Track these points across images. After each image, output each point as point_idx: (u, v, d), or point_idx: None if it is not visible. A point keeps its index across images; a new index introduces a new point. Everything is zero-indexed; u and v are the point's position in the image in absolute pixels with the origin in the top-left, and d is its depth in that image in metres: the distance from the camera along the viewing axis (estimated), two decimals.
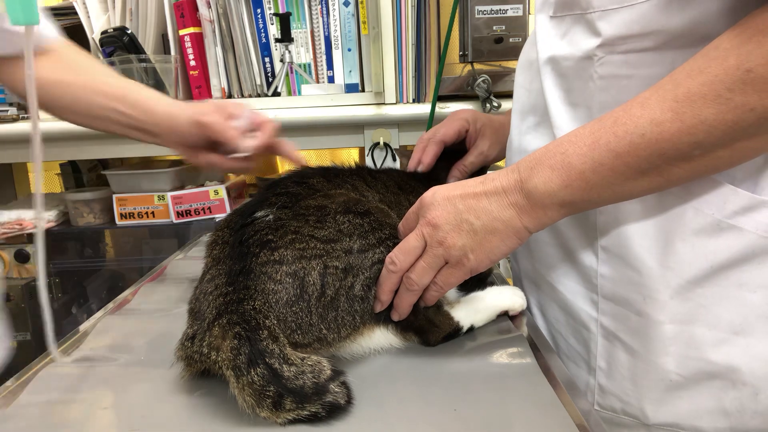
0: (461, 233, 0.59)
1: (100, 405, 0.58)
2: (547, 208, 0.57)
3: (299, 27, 1.72)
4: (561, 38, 0.66)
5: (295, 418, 0.52)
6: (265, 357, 0.53)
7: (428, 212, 0.60)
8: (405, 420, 0.54)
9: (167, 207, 1.64)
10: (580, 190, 0.55)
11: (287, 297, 0.58)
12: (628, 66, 0.59)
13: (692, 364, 0.60)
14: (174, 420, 0.55)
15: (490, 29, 1.57)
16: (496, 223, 0.58)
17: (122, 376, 0.64)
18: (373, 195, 0.76)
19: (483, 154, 0.94)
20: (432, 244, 0.60)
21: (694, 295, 0.59)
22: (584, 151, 0.54)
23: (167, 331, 0.72)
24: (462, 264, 0.60)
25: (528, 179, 0.57)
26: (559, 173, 0.55)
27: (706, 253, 0.58)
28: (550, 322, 0.78)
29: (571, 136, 0.56)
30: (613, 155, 0.52)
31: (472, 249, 0.59)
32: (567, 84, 0.66)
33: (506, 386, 0.59)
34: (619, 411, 0.66)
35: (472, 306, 0.71)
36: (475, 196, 0.59)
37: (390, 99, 1.64)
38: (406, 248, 0.62)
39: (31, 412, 0.57)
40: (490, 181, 0.60)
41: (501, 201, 0.58)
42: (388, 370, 0.63)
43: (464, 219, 0.59)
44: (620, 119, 0.53)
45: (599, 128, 0.54)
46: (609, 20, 0.58)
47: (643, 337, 0.62)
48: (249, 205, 0.68)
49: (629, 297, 0.63)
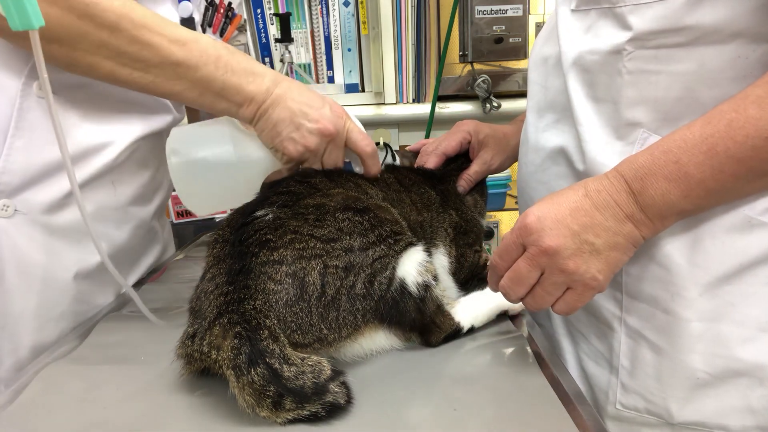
0: (583, 256, 0.56)
1: (100, 405, 0.58)
2: (666, 218, 0.56)
3: (299, 27, 1.72)
4: (585, 32, 0.65)
5: (295, 418, 0.52)
6: (266, 357, 0.53)
7: (540, 240, 0.57)
8: (405, 420, 0.54)
9: (167, 207, 1.64)
10: (699, 198, 0.54)
11: (287, 297, 0.58)
12: (657, 61, 0.58)
13: (720, 362, 0.60)
14: (174, 420, 0.55)
15: (490, 29, 1.57)
16: (617, 238, 0.56)
17: (122, 376, 0.64)
18: (376, 193, 0.76)
19: (486, 163, 0.94)
20: (552, 272, 0.57)
21: (723, 292, 0.59)
22: (701, 159, 0.52)
23: (167, 331, 0.72)
24: (589, 287, 0.57)
25: (642, 191, 0.55)
26: (676, 184, 0.53)
27: (735, 250, 0.58)
28: (569, 321, 0.77)
29: (678, 141, 0.54)
30: (735, 161, 0.51)
31: (599, 270, 0.57)
32: (591, 79, 0.65)
33: (506, 386, 0.59)
34: (643, 410, 0.66)
35: (473, 306, 0.71)
36: (587, 213, 0.56)
37: (390, 99, 1.65)
38: (518, 278, 0.59)
39: (31, 412, 0.57)
40: (595, 193, 0.57)
41: (616, 215, 0.56)
42: (388, 370, 0.63)
43: (583, 240, 0.56)
44: (736, 122, 0.51)
45: (712, 132, 0.52)
46: (641, 15, 0.58)
47: (669, 335, 0.62)
48: (250, 204, 0.68)
49: (656, 295, 0.62)
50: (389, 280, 0.63)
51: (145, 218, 0.93)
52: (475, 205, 0.92)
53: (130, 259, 0.94)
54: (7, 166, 0.69)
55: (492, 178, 1.02)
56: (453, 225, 0.84)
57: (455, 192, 0.91)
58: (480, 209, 0.93)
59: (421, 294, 0.64)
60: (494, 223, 1.79)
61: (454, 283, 0.80)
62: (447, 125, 1.57)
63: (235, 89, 0.72)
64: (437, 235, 0.81)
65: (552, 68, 0.72)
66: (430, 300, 0.65)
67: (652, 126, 0.61)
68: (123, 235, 0.87)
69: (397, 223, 0.69)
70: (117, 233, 0.86)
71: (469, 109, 1.66)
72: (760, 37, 0.53)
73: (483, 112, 1.63)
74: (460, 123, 0.96)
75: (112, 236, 0.85)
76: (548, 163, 0.75)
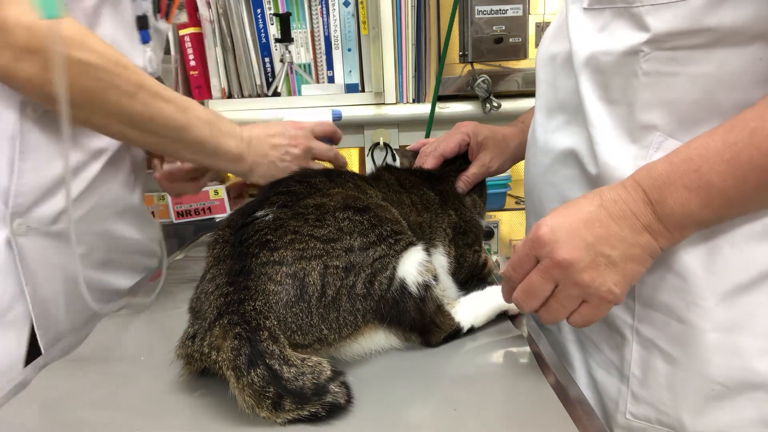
0: (599, 268, 0.54)
1: (100, 405, 0.58)
2: (685, 228, 0.54)
3: (299, 27, 1.72)
4: (599, 32, 0.63)
5: (295, 418, 0.52)
6: (266, 358, 0.53)
7: (553, 252, 0.55)
8: (405, 420, 0.54)
9: (167, 207, 1.64)
10: (720, 208, 0.52)
11: (287, 298, 0.58)
12: (675, 63, 0.57)
13: (736, 373, 0.57)
14: (174, 420, 0.55)
15: (490, 29, 1.57)
16: (634, 249, 0.54)
17: (122, 376, 0.64)
18: (376, 193, 0.76)
19: (485, 165, 0.93)
20: (566, 285, 0.55)
21: (741, 302, 0.57)
22: (723, 168, 0.50)
23: (167, 331, 0.72)
24: (605, 300, 0.56)
25: (661, 201, 0.53)
26: (697, 194, 0.52)
27: (755, 258, 0.56)
28: (579, 329, 0.75)
29: (699, 148, 0.52)
30: (759, 171, 0.49)
31: (615, 282, 0.55)
32: (604, 80, 0.63)
33: (506, 386, 0.59)
34: (654, 420, 0.63)
35: (473, 306, 0.71)
36: (602, 224, 0.54)
37: (390, 99, 1.64)
38: (532, 291, 0.57)
39: (31, 412, 0.57)
40: (611, 202, 0.55)
41: (633, 225, 0.54)
42: (388, 370, 0.63)
43: (599, 252, 0.54)
44: (760, 131, 0.49)
45: (736, 140, 0.50)
46: (659, 15, 0.56)
47: (684, 345, 0.60)
48: (250, 204, 0.68)
49: (671, 303, 0.60)
50: (390, 280, 0.63)
51: (137, 204, 0.98)
52: (473, 205, 0.92)
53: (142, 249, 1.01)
54: (19, 189, 0.73)
55: (492, 179, 1.02)
56: (452, 225, 0.84)
57: (454, 192, 0.91)
58: (479, 210, 0.93)
59: (421, 294, 0.64)
60: (494, 223, 1.79)
61: (453, 283, 0.80)
62: (447, 125, 1.57)
63: (225, 149, 0.83)
64: (436, 235, 0.81)
65: (560, 67, 0.71)
66: (430, 300, 0.65)
67: (668, 129, 0.59)
68: (132, 229, 0.95)
69: (397, 223, 0.69)
70: (125, 227, 0.93)
71: (469, 109, 1.66)
72: None
73: (483, 112, 1.63)
74: (460, 124, 0.96)
75: (121, 230, 0.92)
76: (558, 166, 0.74)
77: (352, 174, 0.78)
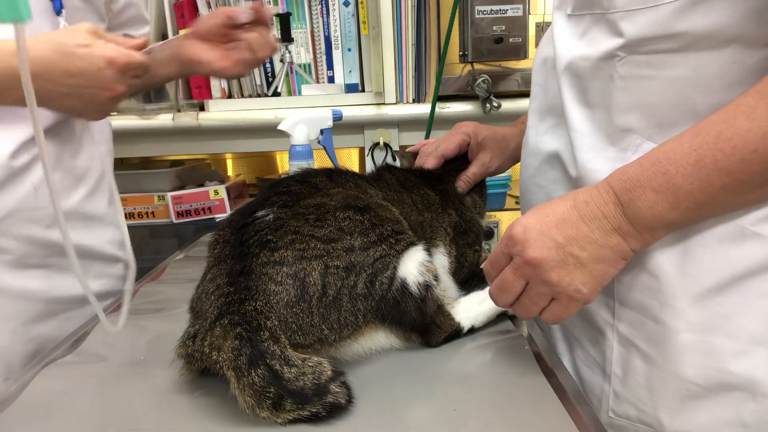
0: (567, 268, 0.56)
1: (100, 405, 0.58)
2: (655, 230, 0.55)
3: (299, 27, 1.72)
4: (579, 38, 0.64)
5: (295, 418, 0.52)
6: (266, 358, 0.53)
7: (524, 251, 0.56)
8: (405, 420, 0.54)
9: (167, 207, 1.64)
10: (688, 210, 0.53)
11: (288, 298, 0.58)
12: (650, 67, 0.57)
13: (711, 374, 0.58)
14: (174, 420, 0.55)
15: (490, 29, 1.57)
16: (603, 250, 0.55)
17: (122, 376, 0.64)
18: (376, 193, 0.76)
19: (485, 165, 0.93)
20: (535, 282, 0.57)
21: (714, 303, 0.57)
22: (689, 171, 0.51)
23: (167, 331, 0.72)
24: (574, 299, 0.57)
25: (630, 203, 0.54)
26: (664, 196, 0.52)
27: (727, 260, 0.56)
28: (566, 327, 0.76)
29: (668, 152, 0.53)
30: (723, 174, 0.50)
31: (583, 282, 0.56)
32: (583, 84, 0.64)
33: (506, 386, 0.59)
34: (635, 419, 0.64)
35: (473, 306, 0.72)
36: (573, 225, 0.56)
37: (390, 99, 1.64)
38: (505, 287, 0.59)
39: (30, 412, 0.57)
40: (583, 204, 0.56)
41: (603, 227, 0.55)
42: (388, 370, 0.63)
43: (568, 252, 0.55)
44: (724, 134, 0.49)
45: (701, 144, 0.51)
46: (632, 21, 0.57)
47: (660, 345, 0.60)
48: (251, 204, 0.68)
49: (646, 303, 0.61)
50: (390, 280, 0.63)
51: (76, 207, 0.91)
52: (474, 205, 0.92)
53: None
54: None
55: (492, 178, 1.02)
56: (453, 225, 0.84)
57: (454, 192, 0.91)
58: (479, 209, 0.93)
59: (422, 294, 0.64)
60: (494, 223, 1.79)
61: (453, 283, 0.80)
62: (447, 125, 1.57)
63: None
64: (437, 234, 0.81)
65: (551, 70, 0.72)
66: (430, 300, 0.65)
67: (646, 132, 0.59)
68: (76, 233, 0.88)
69: (398, 222, 0.69)
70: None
71: (469, 109, 1.66)
72: (755, 42, 0.52)
73: (483, 112, 1.63)
74: (460, 125, 0.96)
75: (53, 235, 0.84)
76: (545, 167, 0.75)
77: (352, 174, 0.79)
